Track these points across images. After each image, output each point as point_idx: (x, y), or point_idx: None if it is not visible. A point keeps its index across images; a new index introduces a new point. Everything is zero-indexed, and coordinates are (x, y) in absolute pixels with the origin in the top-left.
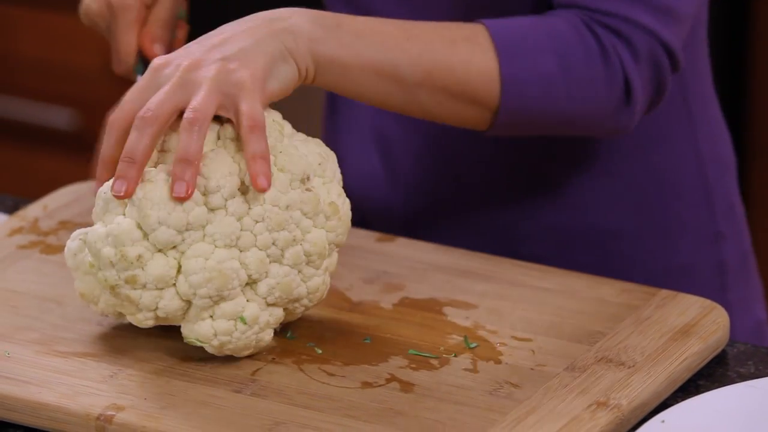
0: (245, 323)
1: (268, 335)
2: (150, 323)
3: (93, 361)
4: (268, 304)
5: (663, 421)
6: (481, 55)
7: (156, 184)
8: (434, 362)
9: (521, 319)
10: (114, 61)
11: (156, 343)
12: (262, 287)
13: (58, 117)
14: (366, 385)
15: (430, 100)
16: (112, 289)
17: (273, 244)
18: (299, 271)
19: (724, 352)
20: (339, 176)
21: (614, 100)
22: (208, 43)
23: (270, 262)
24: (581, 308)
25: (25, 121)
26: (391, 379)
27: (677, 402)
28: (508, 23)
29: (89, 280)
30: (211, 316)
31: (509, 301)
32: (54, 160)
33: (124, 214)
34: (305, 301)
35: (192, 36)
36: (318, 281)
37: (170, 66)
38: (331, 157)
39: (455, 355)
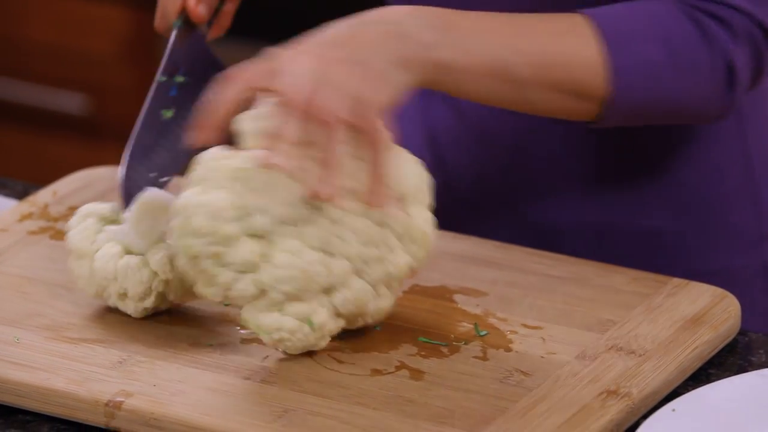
0: (312, 327)
1: (324, 342)
2: (218, 299)
3: (102, 348)
4: (338, 314)
5: (674, 410)
6: (587, 47)
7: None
8: (444, 350)
9: (532, 306)
10: (157, 16)
11: (165, 329)
12: (338, 297)
13: (70, 102)
14: (376, 372)
15: (540, 97)
16: (193, 258)
17: (360, 257)
18: (375, 289)
19: (735, 340)
20: (430, 202)
21: (718, 83)
22: (330, 50)
23: (351, 275)
24: (592, 296)
25: (37, 106)
26: (401, 366)
27: (688, 391)
28: (609, 12)
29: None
30: (280, 311)
31: (520, 289)
32: (65, 145)
33: (222, 189)
34: (368, 319)
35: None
36: (387, 303)
37: (300, 63)
38: (427, 182)
39: (465, 343)
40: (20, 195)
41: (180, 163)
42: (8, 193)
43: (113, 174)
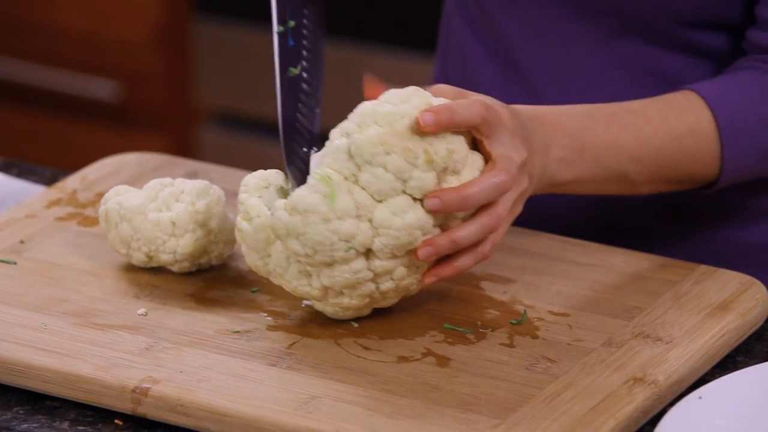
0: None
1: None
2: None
3: (129, 334)
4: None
5: (700, 397)
6: (705, 145)
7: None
8: (471, 337)
9: (559, 293)
10: None
11: (191, 316)
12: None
13: (101, 88)
14: (402, 359)
15: (649, 189)
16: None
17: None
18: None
19: (762, 327)
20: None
21: None
22: (528, 143)
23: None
24: (619, 283)
25: (68, 93)
26: (427, 353)
27: (715, 378)
28: (727, 95)
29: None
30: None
31: (547, 276)
32: (96, 131)
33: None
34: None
35: None
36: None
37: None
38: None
39: (492, 330)
40: (48, 181)
41: (316, 127)
42: (37, 180)
43: (141, 160)
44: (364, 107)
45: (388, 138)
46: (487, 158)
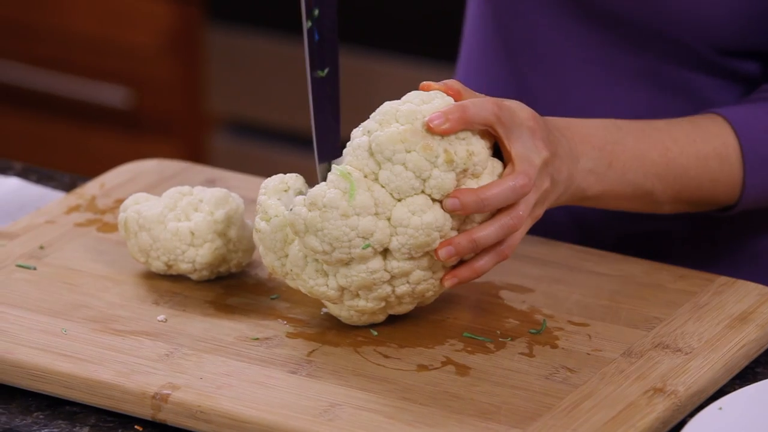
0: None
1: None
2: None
3: (149, 340)
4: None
5: (720, 408)
6: (728, 169)
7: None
8: (490, 346)
9: (578, 303)
10: None
11: (211, 322)
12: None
13: (113, 95)
14: (422, 367)
15: (671, 209)
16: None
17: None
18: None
19: None
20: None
21: None
22: (551, 146)
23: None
24: (638, 293)
25: (79, 99)
26: (447, 362)
27: (735, 389)
28: (753, 124)
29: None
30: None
31: (566, 286)
32: (107, 138)
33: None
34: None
35: None
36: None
37: (548, 175)
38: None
39: (511, 339)
40: (67, 187)
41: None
42: (56, 186)
43: (160, 167)
44: (386, 106)
45: (408, 135)
46: (507, 159)
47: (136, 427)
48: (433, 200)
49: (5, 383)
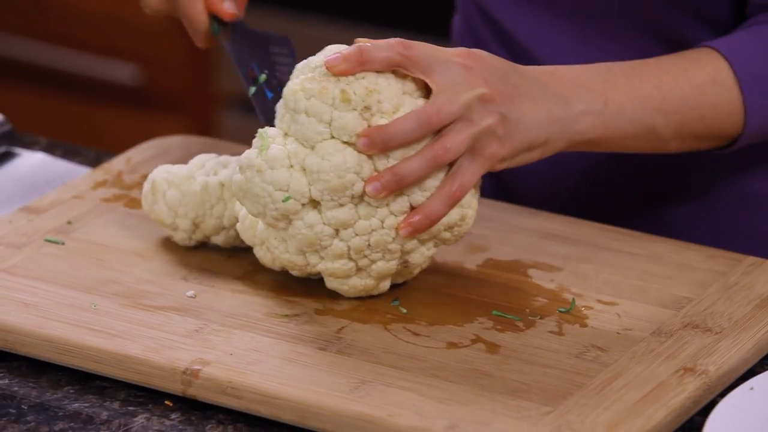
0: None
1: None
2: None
3: (178, 316)
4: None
5: (752, 388)
6: (726, 95)
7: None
8: (519, 324)
9: (606, 282)
10: (192, 36)
11: (240, 298)
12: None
13: (122, 72)
14: (451, 345)
15: (678, 145)
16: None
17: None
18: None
19: None
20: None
21: None
22: (501, 84)
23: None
24: (667, 273)
25: (88, 76)
26: (477, 340)
27: (765, 370)
28: (744, 51)
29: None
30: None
31: (594, 264)
32: (116, 115)
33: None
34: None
35: None
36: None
37: (472, 85)
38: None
39: (540, 318)
40: (93, 163)
41: None
42: (81, 161)
43: (186, 142)
44: (304, 61)
45: (307, 83)
46: None
47: (166, 402)
48: (346, 144)
49: (36, 357)
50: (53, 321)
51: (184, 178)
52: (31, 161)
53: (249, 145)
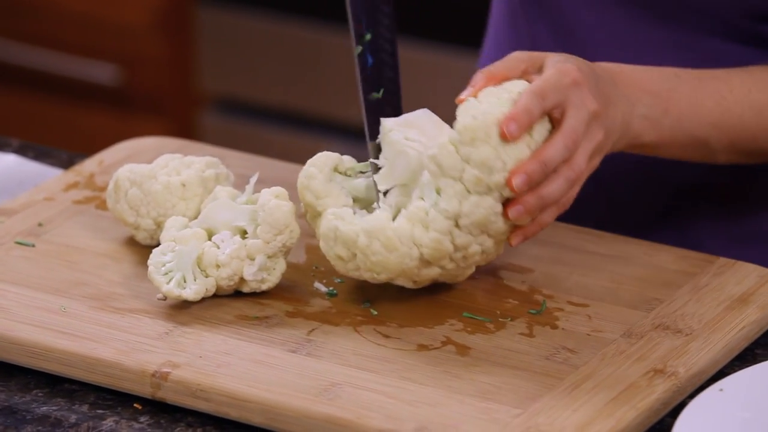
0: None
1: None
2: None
3: (148, 318)
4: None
5: (721, 390)
6: None
7: None
8: (490, 326)
9: (577, 284)
10: None
11: (211, 301)
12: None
13: (102, 73)
14: (421, 347)
15: (726, 159)
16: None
17: None
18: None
19: None
20: None
21: None
22: (599, 94)
23: None
24: (638, 274)
25: (68, 76)
26: (447, 342)
27: (734, 371)
28: None
29: None
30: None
31: (565, 266)
32: (96, 116)
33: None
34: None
35: None
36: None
37: (582, 101)
38: None
39: (511, 319)
40: (65, 164)
41: None
42: (53, 162)
43: (159, 144)
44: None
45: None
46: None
47: (135, 405)
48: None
49: (4, 361)
50: (22, 324)
51: (146, 177)
52: (2, 163)
53: (228, 145)
